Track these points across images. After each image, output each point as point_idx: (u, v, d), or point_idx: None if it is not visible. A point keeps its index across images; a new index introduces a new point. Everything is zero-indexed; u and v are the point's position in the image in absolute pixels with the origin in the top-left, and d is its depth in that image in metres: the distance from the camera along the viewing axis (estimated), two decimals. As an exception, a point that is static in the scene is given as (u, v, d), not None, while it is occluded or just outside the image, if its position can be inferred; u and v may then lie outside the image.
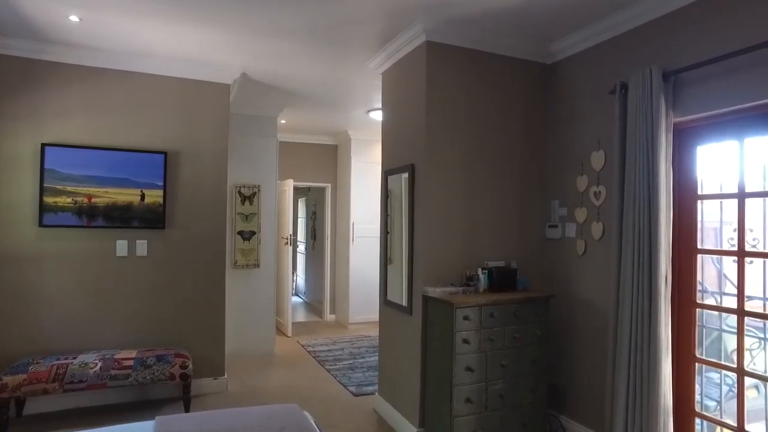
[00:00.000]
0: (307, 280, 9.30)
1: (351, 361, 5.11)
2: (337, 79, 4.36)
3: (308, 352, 5.47)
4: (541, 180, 3.60)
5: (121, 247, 3.79)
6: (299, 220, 10.14)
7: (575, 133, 3.37)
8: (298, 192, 9.92)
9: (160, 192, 3.88)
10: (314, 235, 8.61)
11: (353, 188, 6.79)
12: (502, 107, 3.46)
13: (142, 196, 3.83)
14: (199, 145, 4.04)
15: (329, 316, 7.28)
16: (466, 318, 2.88)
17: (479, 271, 3.24)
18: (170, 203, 3.93)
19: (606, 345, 2.96)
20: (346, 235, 6.90)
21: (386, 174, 3.73)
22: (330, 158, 7.26)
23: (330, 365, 4.96)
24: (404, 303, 3.38)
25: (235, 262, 5.20)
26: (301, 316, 7.66)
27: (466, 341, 2.88)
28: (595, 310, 3.15)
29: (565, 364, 3.38)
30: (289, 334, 6.18)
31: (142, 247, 3.85)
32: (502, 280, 3.22)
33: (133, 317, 3.82)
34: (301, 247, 9.87)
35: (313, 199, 8.71)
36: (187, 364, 3.57)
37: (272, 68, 4.07)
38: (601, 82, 3.14)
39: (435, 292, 3.05)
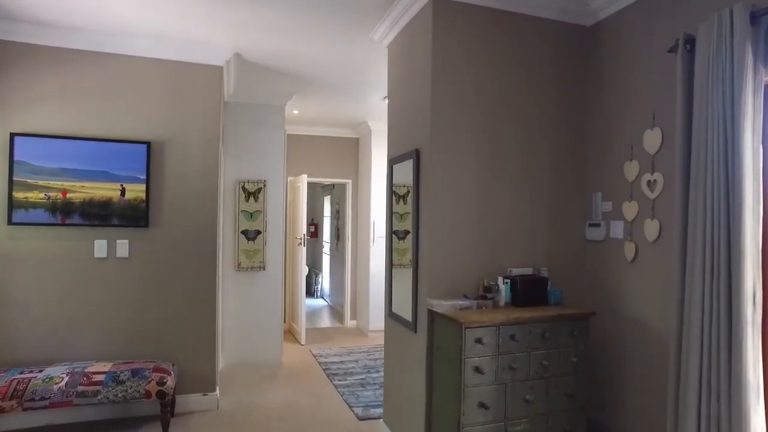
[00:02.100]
0: (331, 283, 8.86)
1: (363, 376, 4.58)
2: (343, 58, 3.84)
3: (319, 363, 4.98)
4: (580, 168, 2.93)
5: (100, 247, 3.42)
6: (325, 219, 9.73)
7: (623, 108, 2.68)
8: (324, 189, 9.52)
9: (143, 186, 3.49)
10: (338, 234, 8.16)
11: (374, 184, 6.26)
12: (528, 80, 2.82)
13: (123, 191, 3.45)
14: (187, 134, 3.62)
15: (350, 322, 6.79)
16: (478, 341, 2.28)
17: (500, 280, 2.62)
18: (154, 199, 3.53)
19: (665, 379, 2.27)
20: (366, 234, 6.38)
21: (391, 163, 3.17)
22: (350, 152, 6.76)
23: (339, 380, 4.45)
24: (409, 317, 2.81)
25: (239, 264, 4.79)
26: (323, 322, 7.21)
27: (478, 370, 2.27)
28: (650, 333, 2.46)
29: (611, 399, 2.70)
30: (303, 342, 5.73)
31: (123, 247, 3.47)
32: (528, 291, 2.59)
33: (113, 326, 3.44)
34: (327, 248, 9.45)
35: (337, 196, 8.26)
36: (165, 381, 3.15)
37: (268, 46, 3.60)
38: (656, 41, 2.45)
39: (441, 306, 2.46)
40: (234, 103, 4.79)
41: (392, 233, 3.15)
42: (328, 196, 9.25)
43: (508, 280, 2.62)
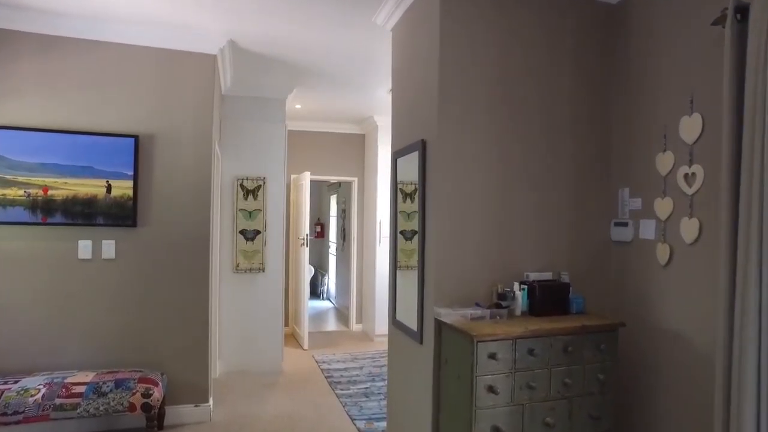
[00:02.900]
0: (337, 285, 8.62)
1: (368, 385, 4.32)
2: (345, 46, 3.58)
3: (321, 370, 4.73)
4: (604, 160, 2.64)
5: (84, 248, 3.20)
6: (331, 218, 9.49)
7: (654, 94, 2.39)
8: (330, 188, 9.28)
9: (130, 183, 3.26)
10: (344, 234, 7.91)
11: (380, 182, 5.99)
12: (548, 63, 2.54)
13: (108, 188, 3.23)
14: (178, 127, 3.39)
15: (355, 326, 6.54)
16: (492, 356, 2.00)
17: (515, 286, 2.34)
18: (143, 196, 3.31)
19: (709, 402, 1.98)
20: (373, 235, 6.12)
21: (395, 156, 2.90)
22: (356, 149, 6.51)
23: (342, 389, 4.19)
24: (414, 326, 2.54)
25: (237, 266, 4.55)
26: (328, 325, 6.96)
27: (491, 389, 1.99)
28: (691, 347, 2.16)
29: (643, 423, 2.40)
30: (305, 347, 5.48)
31: (109, 248, 3.25)
32: (547, 299, 2.31)
33: (98, 332, 3.22)
34: (333, 248, 9.21)
35: (343, 195, 8.01)
36: (151, 392, 2.91)
37: (263, 32, 3.35)
38: (695, 15, 2.16)
39: (450, 315, 2.19)
40: (232, 96, 4.56)
41: (399, 233, 2.88)
42: (335, 195, 9.01)
43: (525, 286, 2.34)
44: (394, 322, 2.86)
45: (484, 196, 2.41)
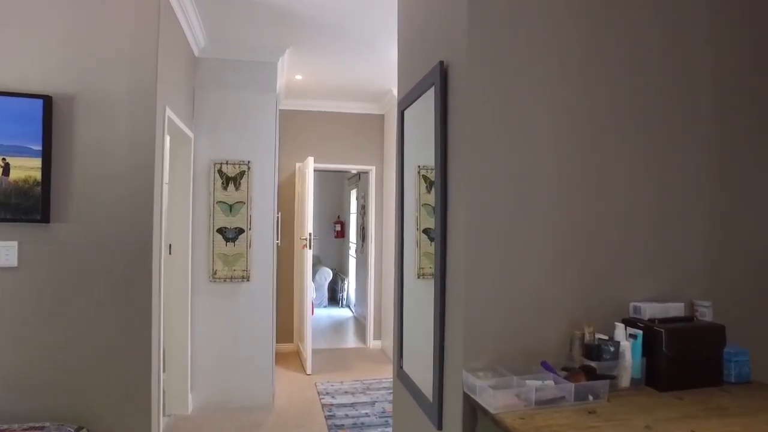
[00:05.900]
0: (356, 291, 7.61)
1: (379, 431, 3.27)
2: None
3: (323, 405, 3.72)
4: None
5: (-27, 252, 2.30)
6: (351, 215, 8.49)
7: None
8: (350, 181, 8.29)
9: (38, 161, 2.33)
10: (363, 234, 6.89)
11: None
12: None
13: (5, 168, 2.32)
14: (107, 85, 2.44)
15: (373, 343, 5.50)
16: (590, 502, 0.91)
17: (619, 330, 1.24)
18: (58, 181, 2.38)
19: None
20: (393, 234, 5.06)
21: (402, 107, 1.86)
22: (374, 133, 5.47)
23: (344, 437, 3.17)
24: (428, 394, 1.46)
25: (214, 273, 3.59)
26: (343, 340, 5.96)
27: None
28: None
29: None
30: (309, 371, 4.48)
31: (8, 252, 2.33)
32: (686, 357, 1.19)
33: (-8, 369, 2.32)
34: (353, 249, 8.21)
35: (363, 189, 7.00)
36: (45, 466, 1.97)
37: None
38: None
39: (493, 394, 1.10)
40: (208, 59, 3.61)
41: (422, 233, 1.85)
42: (354, 189, 8.00)
43: (639, 331, 1.23)
44: (399, 372, 1.80)
45: (554, 165, 1.32)
